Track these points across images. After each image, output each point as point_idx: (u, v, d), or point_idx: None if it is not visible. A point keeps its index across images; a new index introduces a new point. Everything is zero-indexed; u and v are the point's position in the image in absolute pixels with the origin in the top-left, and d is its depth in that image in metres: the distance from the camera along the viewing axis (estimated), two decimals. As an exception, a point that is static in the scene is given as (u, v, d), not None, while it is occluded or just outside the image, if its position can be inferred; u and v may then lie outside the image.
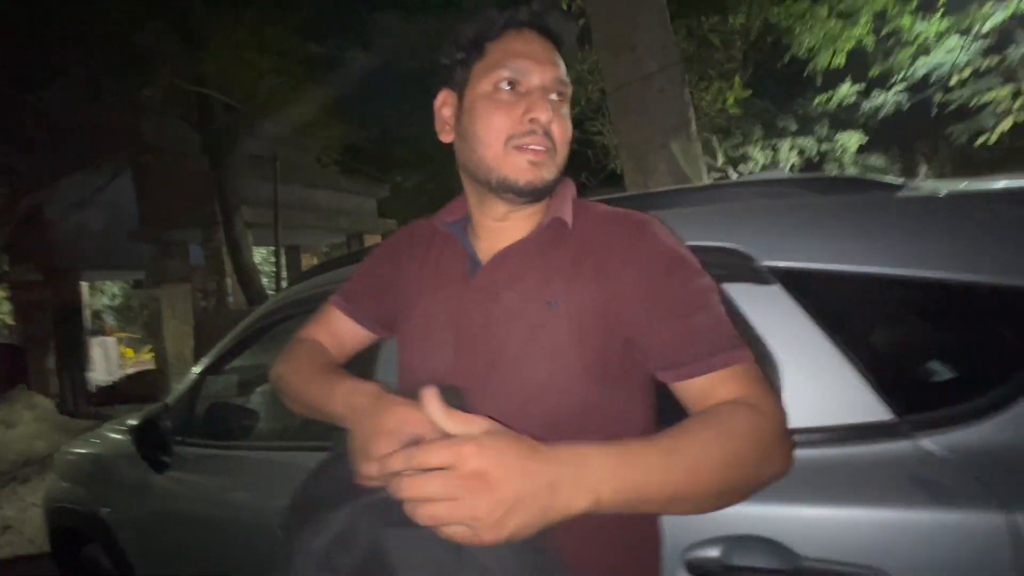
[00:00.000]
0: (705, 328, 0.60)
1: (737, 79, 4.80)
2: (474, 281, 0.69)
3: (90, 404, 7.19)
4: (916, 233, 0.76)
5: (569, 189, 0.73)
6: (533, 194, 0.67)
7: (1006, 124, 7.72)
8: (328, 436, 1.17)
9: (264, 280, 6.65)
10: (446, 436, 0.48)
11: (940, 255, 0.72)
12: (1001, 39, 6.92)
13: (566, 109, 0.69)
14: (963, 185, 0.86)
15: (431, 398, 0.49)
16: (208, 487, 1.45)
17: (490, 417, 0.51)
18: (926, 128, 9.83)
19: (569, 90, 0.69)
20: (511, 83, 0.65)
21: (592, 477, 0.48)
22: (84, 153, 6.16)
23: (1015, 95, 7.61)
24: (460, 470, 0.45)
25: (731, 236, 0.83)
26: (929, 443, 0.66)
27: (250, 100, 5.63)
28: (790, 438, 0.60)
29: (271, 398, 1.99)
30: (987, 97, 7.63)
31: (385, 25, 7.04)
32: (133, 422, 1.55)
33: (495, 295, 0.67)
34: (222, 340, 1.66)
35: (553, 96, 0.66)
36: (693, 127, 3.00)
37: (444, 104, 0.72)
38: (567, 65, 0.69)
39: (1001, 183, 0.83)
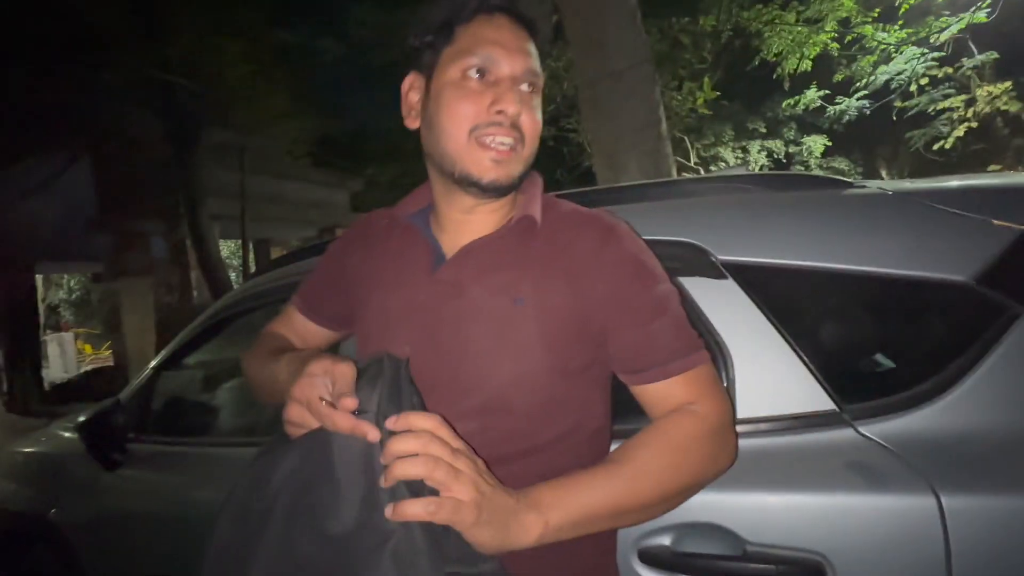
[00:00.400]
0: (665, 335, 0.63)
1: (707, 80, 4.90)
2: (439, 275, 0.68)
3: (43, 402, 6.88)
4: (860, 230, 0.79)
5: (537, 186, 0.71)
6: (498, 191, 0.65)
7: (960, 131, 8.15)
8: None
9: (232, 274, 6.47)
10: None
11: (882, 251, 0.75)
12: (955, 50, 7.26)
13: (537, 101, 0.66)
14: (908, 185, 0.90)
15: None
16: (164, 485, 1.41)
17: (453, 411, 0.54)
18: (887, 133, 10.25)
19: (540, 81, 0.66)
20: (480, 71, 0.63)
21: (538, 503, 0.54)
22: (38, 137, 5.85)
23: (968, 103, 8.02)
24: (437, 434, 0.50)
25: (688, 231, 0.85)
26: (868, 431, 0.69)
27: (217, 87, 5.43)
28: (735, 433, 0.64)
29: (233, 394, 1.94)
30: (942, 105, 8.02)
31: (360, 15, 6.90)
32: (82, 419, 1.49)
33: (461, 290, 0.66)
34: (180, 334, 1.62)
35: (524, 87, 0.64)
36: (663, 126, 3.04)
37: (411, 88, 0.69)
38: (541, 54, 0.67)
39: (944, 183, 0.87)
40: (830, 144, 9.83)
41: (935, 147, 8.50)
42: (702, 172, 9.18)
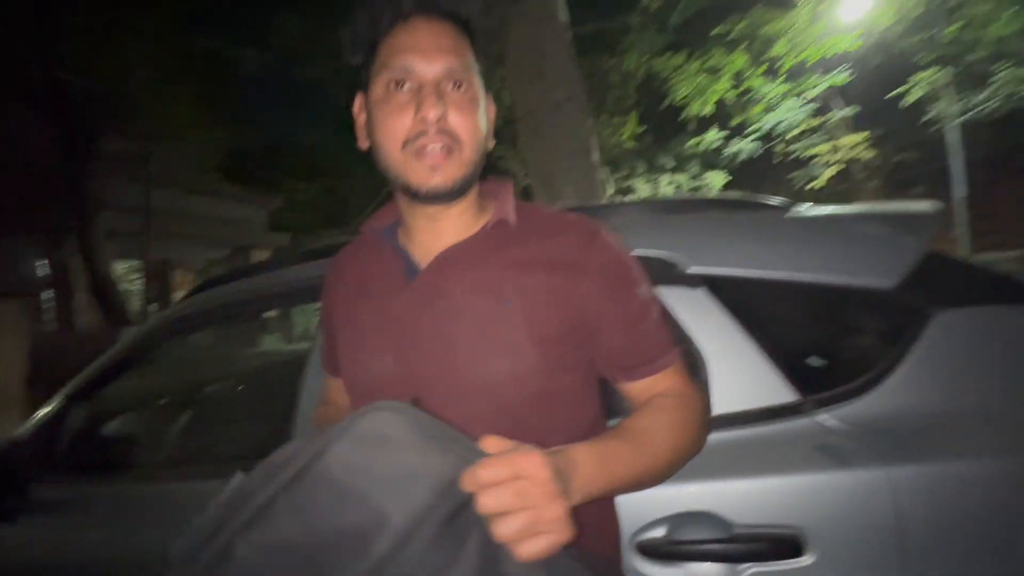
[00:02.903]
0: (648, 336, 0.68)
1: (633, 115, 5.33)
2: (415, 284, 0.67)
3: None
4: (807, 245, 0.92)
5: (509, 191, 0.72)
6: (441, 198, 0.65)
7: (830, 172, 9.51)
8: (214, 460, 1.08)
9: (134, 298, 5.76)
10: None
11: (826, 262, 0.88)
12: (824, 104, 8.52)
13: (472, 95, 0.64)
14: (829, 210, 1.06)
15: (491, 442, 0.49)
16: (85, 529, 1.22)
17: (446, 414, 0.52)
18: (771, 173, 11.69)
19: (471, 75, 0.64)
20: (398, 83, 0.62)
21: (583, 478, 0.54)
22: None
23: (834, 150, 9.40)
24: (533, 479, 0.45)
25: (663, 246, 0.93)
26: (827, 417, 0.79)
27: (118, 90, 4.91)
28: (709, 415, 0.72)
29: (153, 424, 1.75)
30: (814, 150, 9.35)
31: (281, 24, 6.65)
32: None
33: (442, 295, 0.66)
34: (95, 361, 1.43)
35: (449, 86, 0.62)
36: (596, 154, 3.25)
37: (360, 110, 0.69)
38: (477, 43, 0.66)
39: (856, 208, 1.04)
40: (729, 180, 10.96)
41: (808, 187, 9.88)
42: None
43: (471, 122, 0.63)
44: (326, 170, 10.67)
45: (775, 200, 1.09)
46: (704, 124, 7.95)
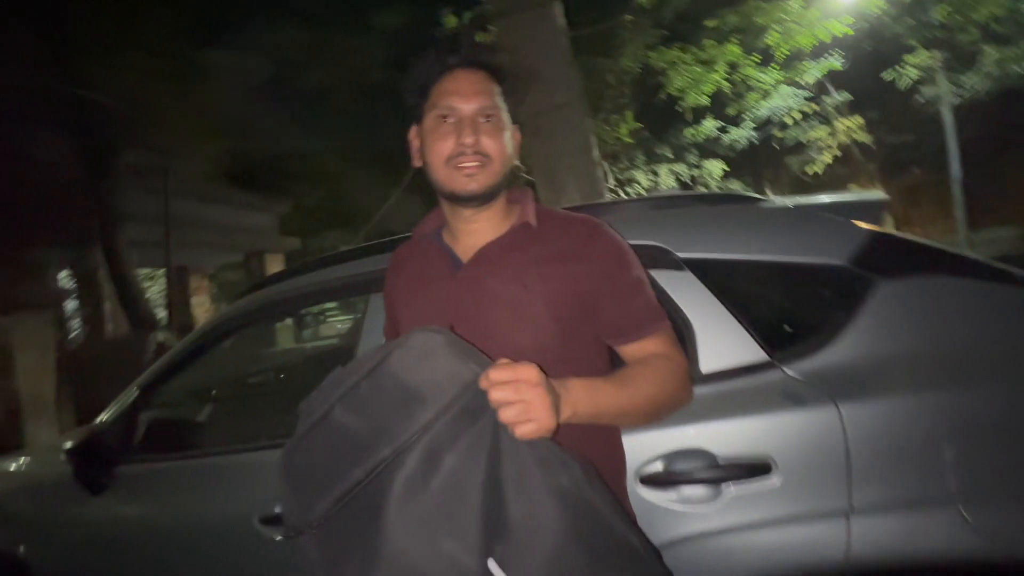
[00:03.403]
0: (641, 308, 0.87)
1: (629, 114, 5.49)
2: (459, 275, 0.88)
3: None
4: (773, 231, 1.11)
5: (529, 198, 0.93)
6: (476, 200, 0.84)
7: (826, 157, 9.61)
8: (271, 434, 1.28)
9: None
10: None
11: (789, 245, 1.07)
12: (819, 91, 8.62)
13: (499, 125, 0.85)
14: (800, 199, 1.24)
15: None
16: (163, 501, 1.42)
17: None
18: (770, 159, 11.79)
19: (500, 111, 0.85)
20: (444, 117, 0.84)
21: (572, 396, 0.73)
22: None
23: (830, 134, 9.49)
24: (528, 381, 0.66)
25: (655, 236, 1.12)
26: (790, 370, 0.98)
27: (136, 105, 5.11)
28: (691, 379, 0.89)
29: (234, 402, 1.93)
30: (811, 135, 9.44)
31: (288, 37, 6.83)
32: (68, 444, 1.46)
33: (481, 283, 0.85)
34: (166, 355, 1.63)
35: (481, 119, 0.83)
36: (596, 151, 3.43)
37: (414, 137, 0.91)
38: (506, 85, 0.87)
39: (823, 198, 1.23)
40: (727, 169, 11.09)
41: (808, 170, 10.00)
42: (621, 193, 9.97)
43: (499, 144, 0.85)
44: (331, 174, 10.83)
45: (752, 194, 1.28)
46: (701, 113, 8.07)
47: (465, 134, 0.82)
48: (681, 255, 1.10)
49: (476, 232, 0.89)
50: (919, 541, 0.86)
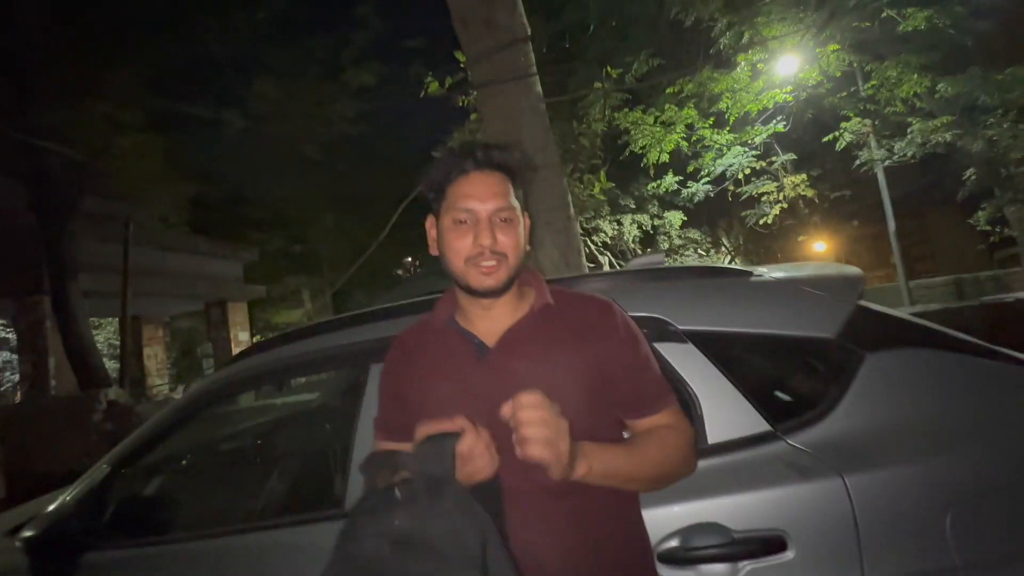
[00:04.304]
0: (652, 384, 0.91)
1: (603, 173, 5.80)
2: (488, 360, 0.89)
3: None
4: (766, 305, 1.17)
5: (540, 279, 0.97)
6: (492, 295, 0.88)
7: (776, 210, 10.31)
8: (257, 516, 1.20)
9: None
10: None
11: (782, 319, 1.14)
12: (767, 151, 9.37)
13: (514, 222, 0.88)
14: (784, 272, 1.33)
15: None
16: None
17: (524, 464, 0.77)
18: (724, 211, 12.53)
19: (513, 212, 0.88)
20: (462, 220, 0.87)
21: (588, 454, 0.80)
22: None
23: (779, 189, 10.23)
24: (555, 412, 0.74)
25: (655, 309, 1.17)
26: (794, 441, 1.02)
27: (99, 153, 4.96)
28: (697, 450, 0.93)
29: (184, 484, 1.81)
30: (761, 190, 10.16)
31: (259, 89, 6.90)
32: (28, 533, 1.32)
33: (509, 367, 0.87)
34: (139, 429, 1.53)
35: (497, 219, 0.87)
36: (571, 208, 3.57)
37: (431, 227, 0.95)
38: (520, 180, 0.91)
39: (807, 270, 1.31)
40: (686, 219, 11.69)
41: (759, 222, 10.71)
42: (587, 240, 10.31)
43: (514, 240, 0.89)
44: (294, 221, 10.73)
45: (739, 267, 1.36)
46: (662, 168, 8.58)
47: (483, 236, 0.86)
48: (682, 328, 1.14)
49: (494, 317, 0.92)
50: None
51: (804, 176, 10.02)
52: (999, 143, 8.08)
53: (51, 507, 1.42)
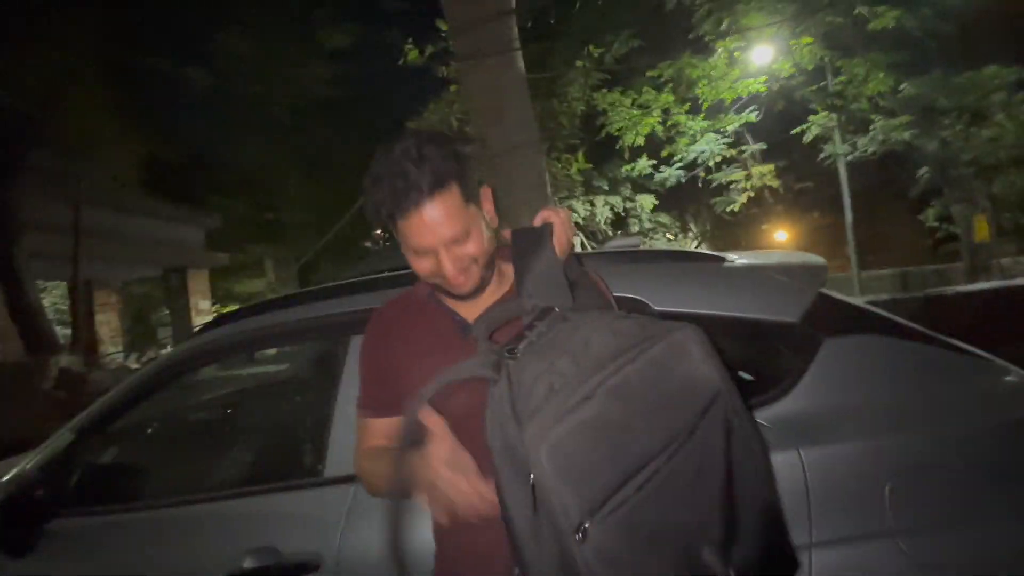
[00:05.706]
0: None
1: (581, 154, 5.81)
2: (472, 339, 0.85)
3: None
4: (738, 289, 1.24)
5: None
6: (470, 297, 0.87)
7: (744, 198, 10.61)
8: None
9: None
10: None
11: (751, 303, 1.20)
12: (738, 139, 9.58)
13: (473, 232, 0.83)
14: (754, 258, 1.39)
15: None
16: (104, 561, 1.28)
17: None
18: (694, 197, 12.80)
19: (470, 222, 0.83)
20: (417, 251, 0.83)
21: None
22: None
23: (747, 178, 10.52)
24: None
25: (633, 290, 1.22)
26: (757, 417, 1.10)
27: (49, 105, 4.62)
28: None
29: (151, 453, 1.79)
30: (731, 178, 10.42)
31: (227, 45, 6.53)
32: None
33: None
34: (104, 397, 1.49)
35: (454, 241, 0.82)
36: (549, 188, 3.59)
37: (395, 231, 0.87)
38: (468, 183, 0.83)
39: (774, 257, 1.39)
40: (657, 203, 11.88)
41: (727, 209, 11.02)
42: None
43: (477, 244, 0.85)
44: (261, 187, 10.33)
45: (714, 253, 1.42)
46: (636, 152, 8.66)
47: (443, 265, 0.83)
48: (659, 309, 1.20)
49: (476, 300, 0.91)
50: (869, 571, 0.98)
51: (771, 167, 10.33)
52: (952, 145, 8.52)
53: (12, 473, 1.38)
